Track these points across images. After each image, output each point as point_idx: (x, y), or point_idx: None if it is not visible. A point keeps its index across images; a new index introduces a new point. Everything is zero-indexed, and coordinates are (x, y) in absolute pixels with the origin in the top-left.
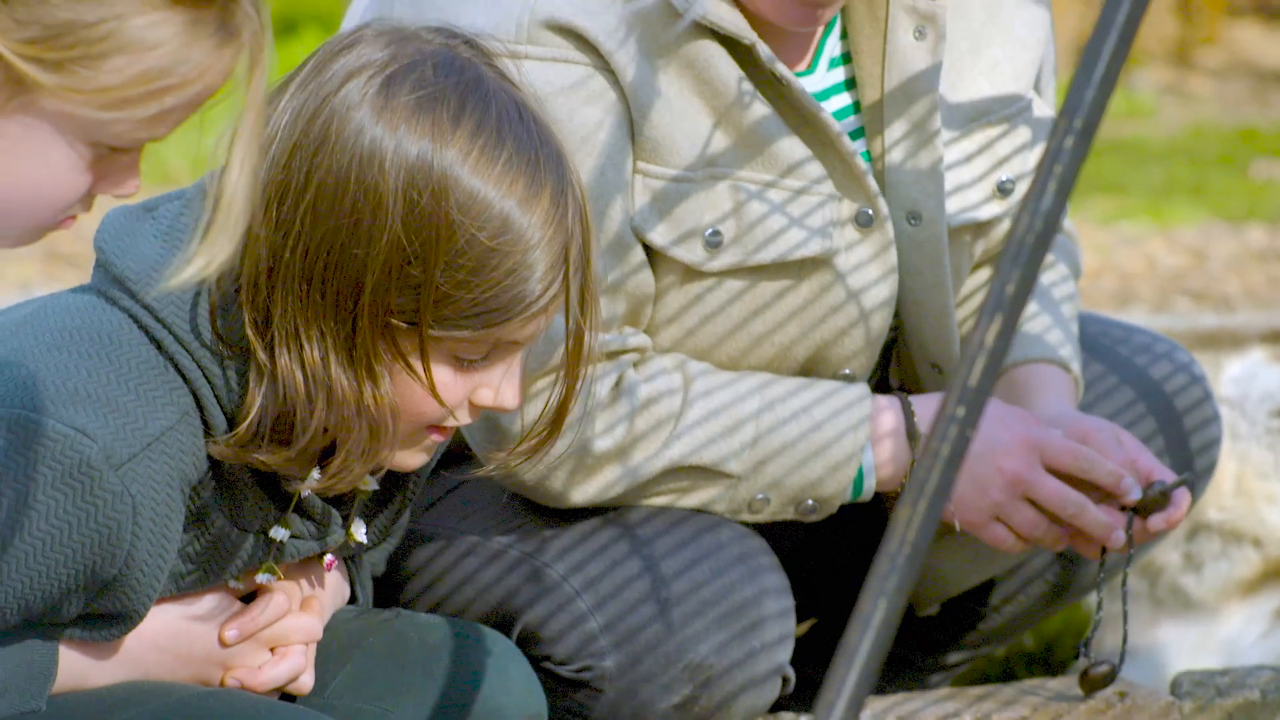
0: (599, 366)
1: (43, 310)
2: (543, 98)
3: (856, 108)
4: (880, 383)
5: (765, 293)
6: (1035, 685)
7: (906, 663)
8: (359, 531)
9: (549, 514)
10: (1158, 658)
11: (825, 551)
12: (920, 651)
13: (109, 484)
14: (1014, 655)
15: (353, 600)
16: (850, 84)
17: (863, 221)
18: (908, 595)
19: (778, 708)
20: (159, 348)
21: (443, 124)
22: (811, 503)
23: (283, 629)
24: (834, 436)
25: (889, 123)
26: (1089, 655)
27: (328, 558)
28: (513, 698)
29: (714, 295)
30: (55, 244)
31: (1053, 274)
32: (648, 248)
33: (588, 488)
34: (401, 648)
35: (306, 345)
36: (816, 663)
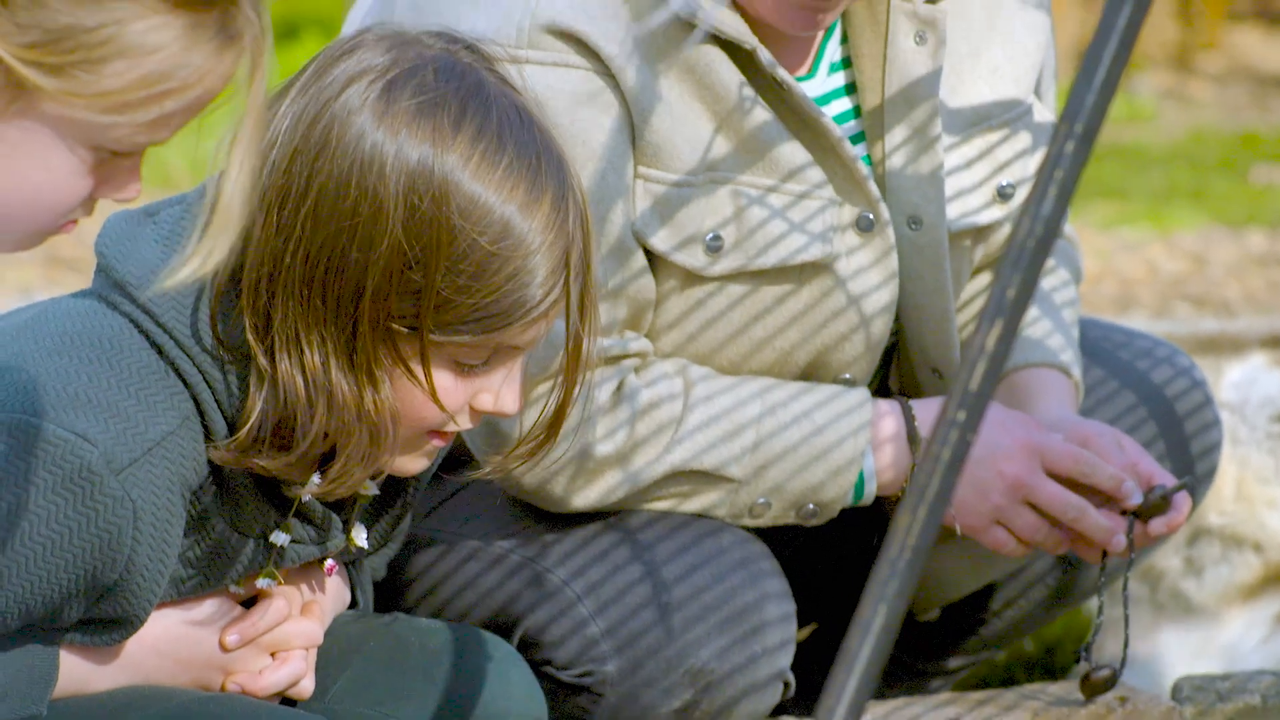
0: (600, 371)
1: (44, 315)
2: (543, 102)
3: (857, 112)
4: (880, 387)
5: (766, 298)
6: (1036, 690)
7: (907, 668)
8: (360, 536)
9: (550, 519)
10: (1158, 663)
11: (826, 556)
12: (921, 656)
13: (110, 489)
14: (1015, 660)
15: (353, 605)
16: (850, 89)
17: (864, 226)
18: (908, 600)
19: (779, 712)
20: (160, 352)
21: (444, 129)
22: (812, 507)
23: (283, 634)
24: (835, 441)
25: (890, 128)
26: (1090, 660)
27: (328, 562)
28: (514, 702)
29: (715, 300)
30: (56, 248)
31: (1054, 279)
32: (649, 252)
33: (589, 493)
34: (402, 652)
35: (307, 350)
36: (817, 667)
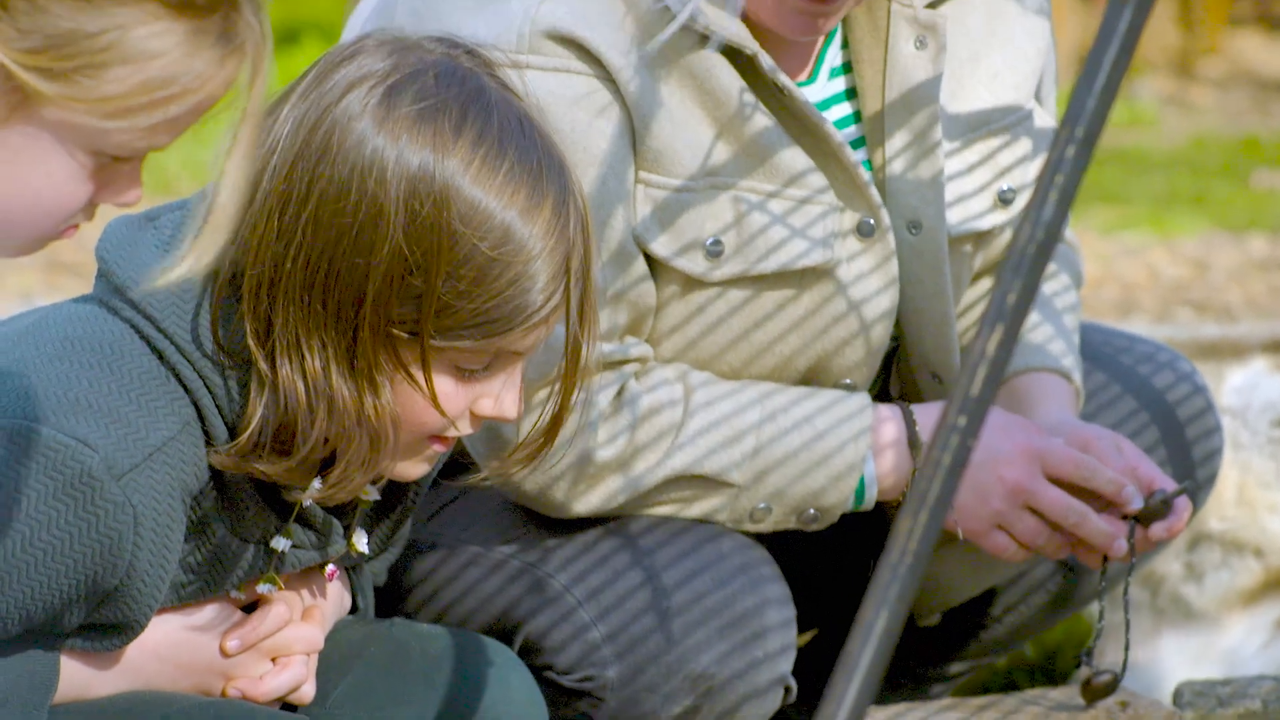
0: (601, 377)
1: (44, 320)
2: (544, 108)
3: (857, 117)
4: (880, 392)
5: (767, 303)
6: (1037, 695)
7: (908, 673)
8: (360, 541)
9: (551, 524)
10: (1159, 668)
11: (827, 561)
12: (922, 661)
13: (110, 494)
14: (1016, 665)
15: (354, 610)
16: (851, 93)
17: (865, 232)
18: (909, 605)
19: (780, 718)
20: (160, 358)
21: (444, 134)
22: (813, 512)
23: (284, 639)
24: (836, 447)
25: (890, 133)
26: (1091, 665)
27: (329, 568)
28: (514, 707)
29: (715, 306)
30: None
31: (1055, 284)
32: (649, 258)
33: (590, 498)
34: (403, 658)
35: (308, 355)
36: (818, 673)
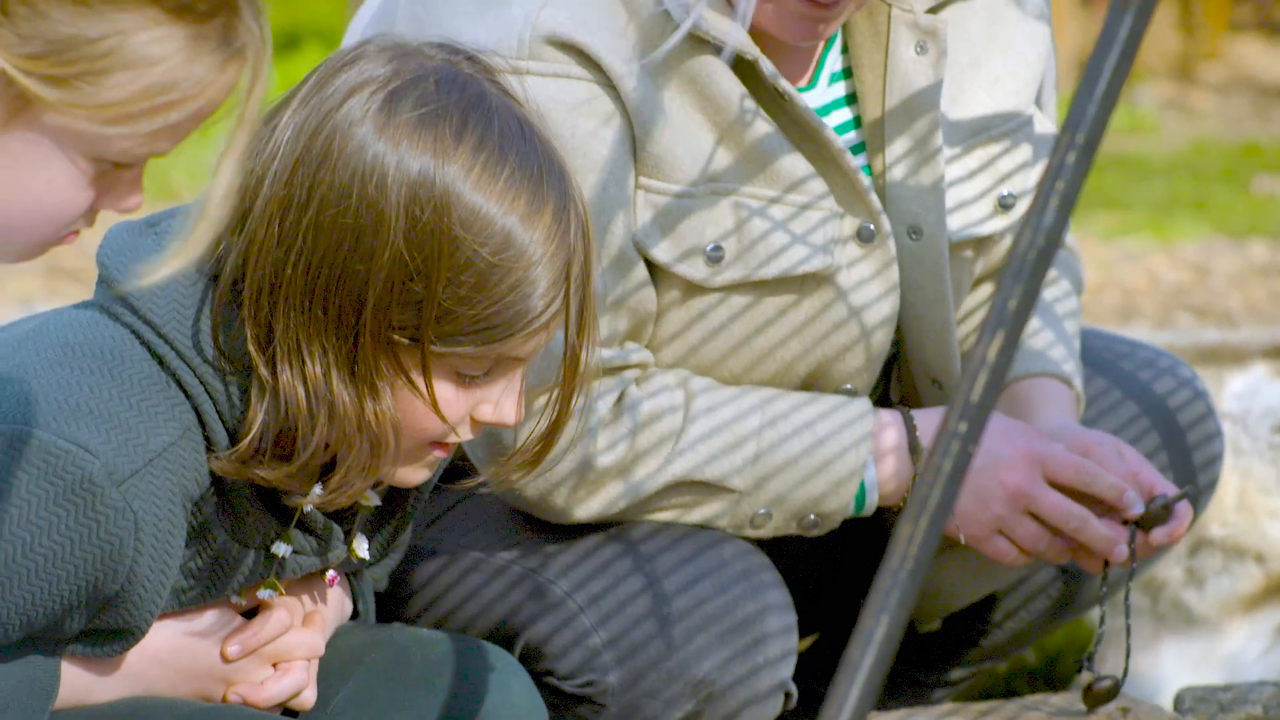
0: (601, 382)
1: (45, 326)
2: (544, 113)
3: (857, 123)
4: (881, 398)
5: (767, 310)
6: (1038, 701)
7: (909, 679)
8: (361, 547)
9: (552, 530)
10: (1160, 673)
11: (828, 566)
12: (923, 667)
13: (111, 500)
14: (1016, 671)
15: (355, 616)
16: (851, 99)
17: (865, 237)
18: (910, 611)
19: None
20: (161, 363)
21: (445, 140)
22: (814, 518)
23: (285, 644)
24: (836, 453)
25: (890, 139)
26: (1092, 670)
27: (330, 573)
28: (515, 712)
29: (716, 313)
30: (58, 259)
31: (1055, 290)
32: (650, 264)
33: (591, 504)
34: (404, 663)
35: (308, 361)
36: (819, 678)
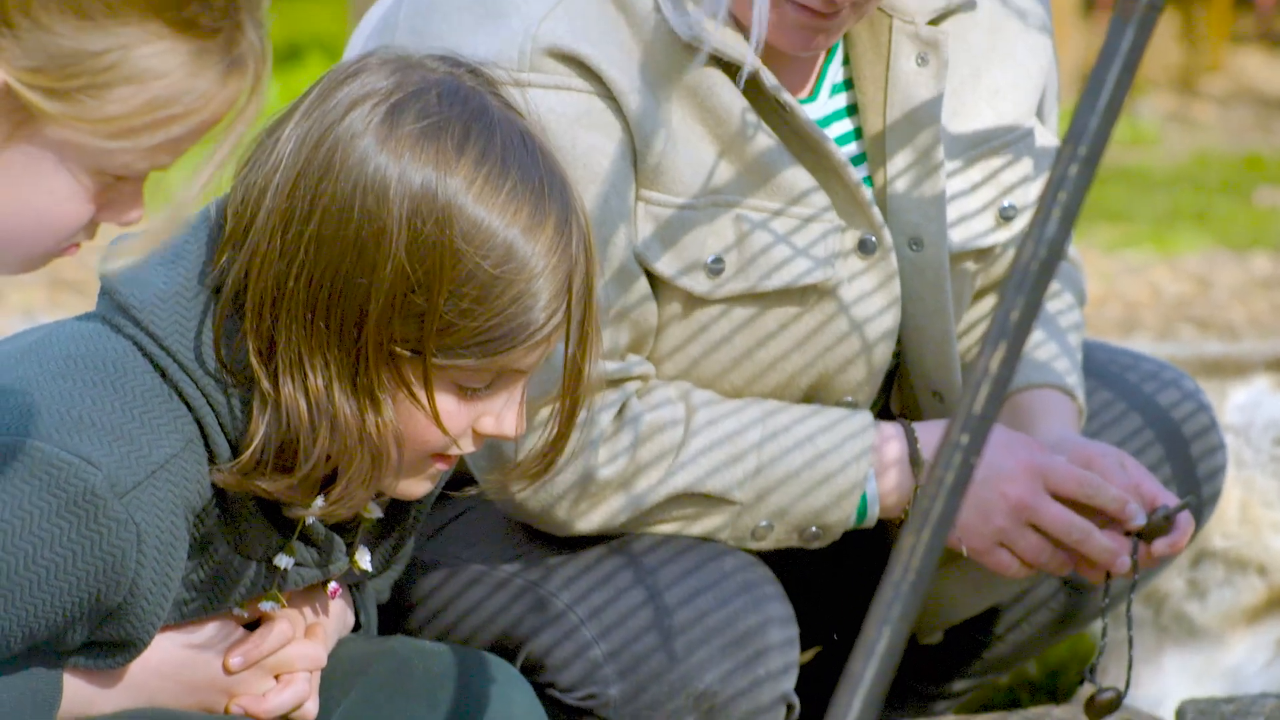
0: (603, 395)
1: (47, 338)
2: (545, 125)
3: (858, 134)
4: (881, 409)
5: (769, 323)
6: (1040, 713)
7: (911, 691)
8: (363, 559)
9: (553, 542)
10: (1162, 685)
11: (830, 578)
12: (925, 679)
13: (113, 512)
14: (1019, 682)
15: (357, 628)
16: (852, 110)
17: (867, 249)
18: (912, 623)
19: None
20: (163, 375)
21: (447, 152)
22: (815, 530)
23: (287, 656)
24: (838, 466)
25: (892, 152)
26: (1094, 682)
27: (332, 585)
28: None
29: (718, 325)
30: (60, 271)
31: (1058, 302)
32: (651, 276)
33: (592, 517)
34: (405, 675)
35: (310, 373)
36: (822, 690)
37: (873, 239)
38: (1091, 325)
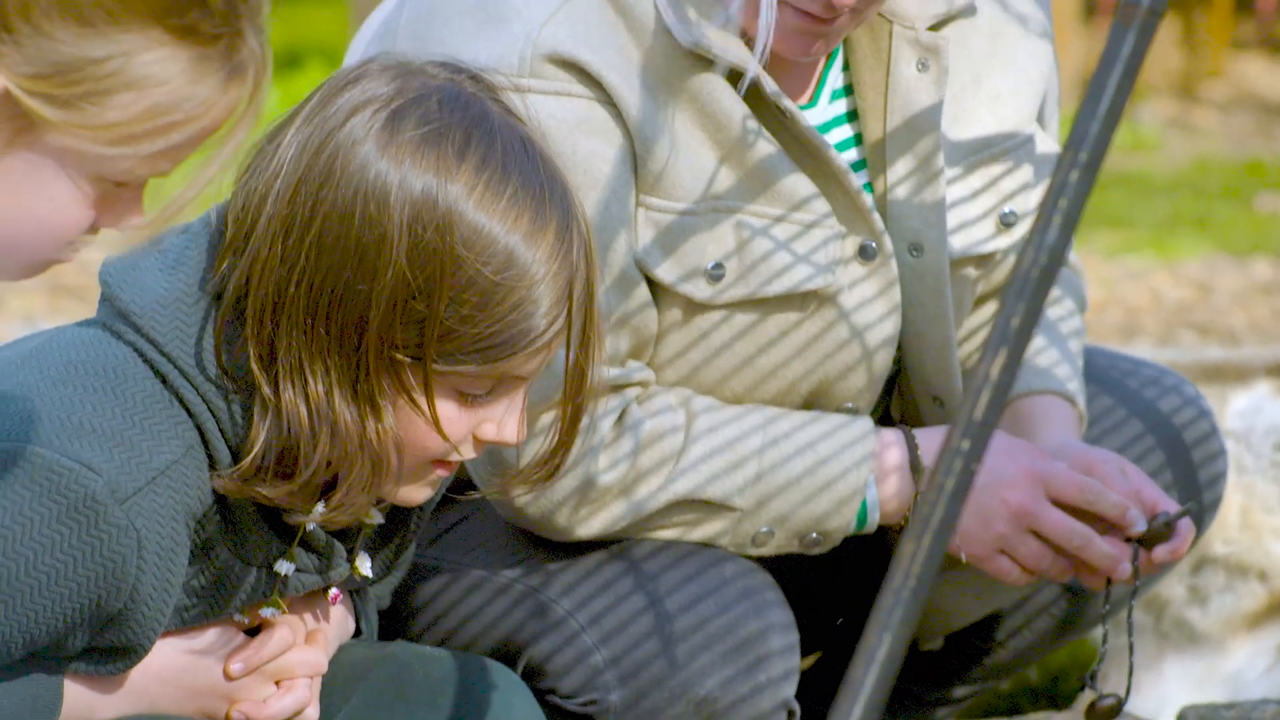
0: (603, 401)
1: (48, 344)
2: (546, 131)
3: (858, 140)
4: (882, 415)
5: (770, 329)
6: (1041, 719)
7: (912, 697)
8: (364, 565)
9: (554, 548)
10: (1163, 691)
11: (830, 584)
12: (925, 685)
13: (114, 518)
14: (1019, 689)
15: (358, 633)
16: (852, 115)
17: (867, 255)
18: (913, 629)
19: None
20: (164, 382)
21: (448, 159)
22: (815, 536)
23: (287, 662)
24: (839, 473)
25: (892, 157)
26: (1095, 689)
27: (333, 591)
28: None
29: (719, 332)
30: (60, 277)
31: (1059, 309)
32: (651, 282)
33: (593, 523)
34: (406, 681)
35: (311, 379)
36: (822, 697)
37: (873, 245)
38: (1092, 331)
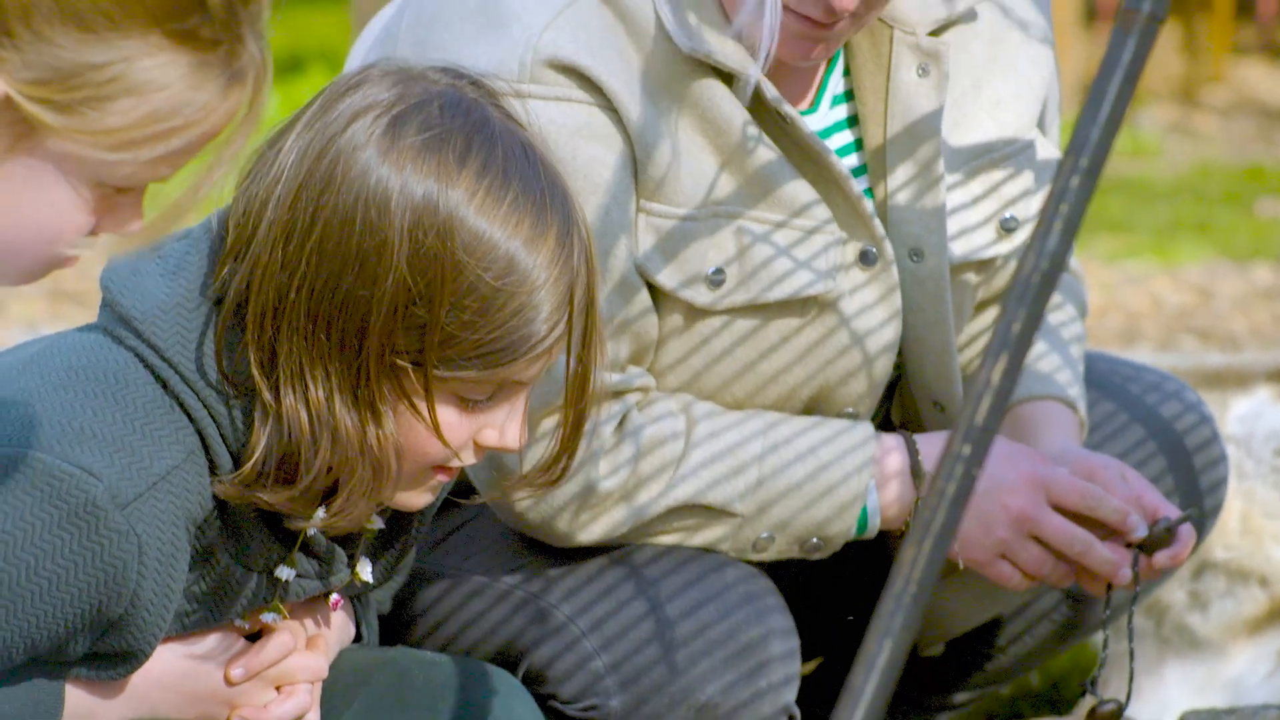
0: (604, 406)
1: (49, 349)
2: (546, 136)
3: (859, 145)
4: (882, 419)
5: (771, 335)
6: None
7: (912, 702)
8: (365, 570)
9: (555, 554)
10: (1164, 696)
11: (831, 589)
12: (926, 691)
13: (114, 523)
14: (1020, 694)
15: (358, 639)
16: (853, 121)
17: (868, 261)
18: (913, 635)
19: None
20: (165, 387)
21: (449, 164)
22: (816, 541)
23: (288, 668)
24: (840, 478)
25: (893, 163)
26: (1095, 694)
27: (333, 596)
28: None
29: (720, 338)
30: (61, 282)
31: (1060, 314)
32: (652, 288)
33: (594, 529)
34: (407, 686)
35: (311, 385)
36: (823, 702)
37: (874, 251)
38: (1093, 336)
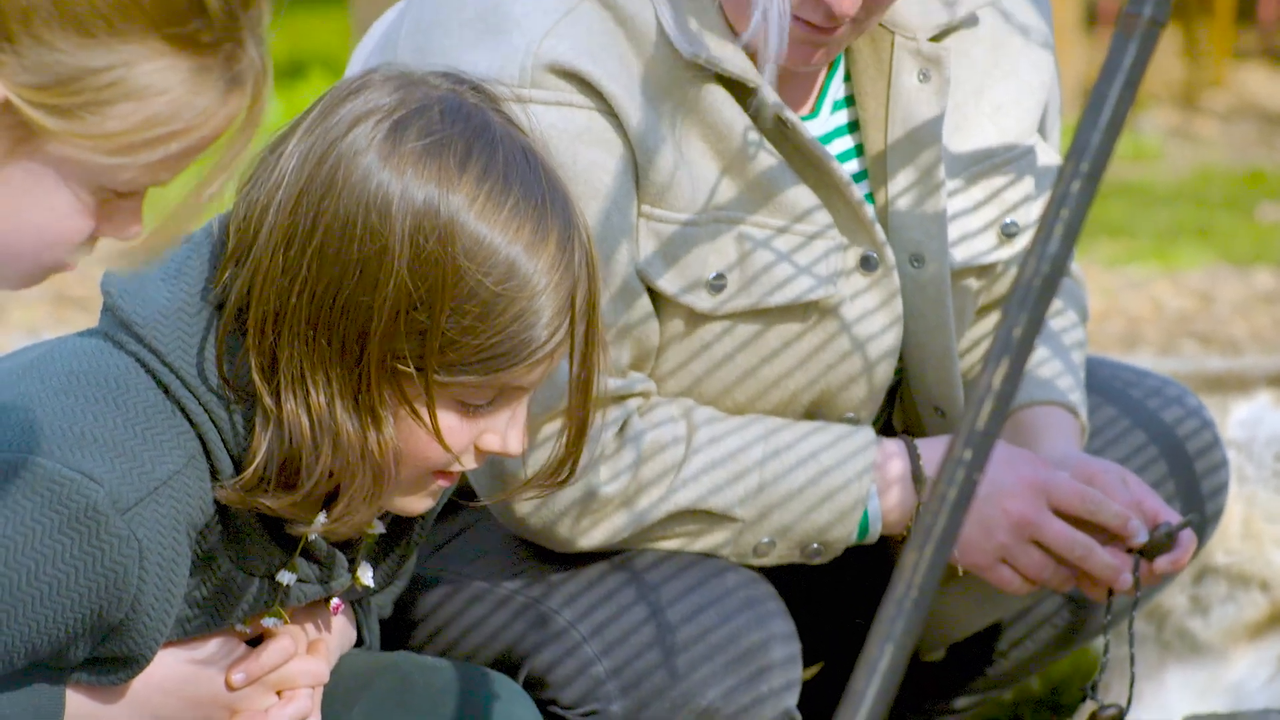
0: (605, 412)
1: (50, 354)
2: (547, 141)
3: (859, 150)
4: (884, 424)
5: (772, 340)
6: None
7: (914, 707)
8: (366, 575)
9: (556, 559)
10: (1165, 701)
11: (832, 594)
12: (927, 696)
13: (115, 528)
14: (1021, 699)
15: (359, 643)
16: (853, 126)
17: (869, 267)
18: (915, 640)
19: None
20: (166, 392)
21: (449, 169)
22: (817, 546)
23: (289, 672)
24: (841, 484)
25: (894, 169)
26: (1096, 699)
27: (334, 601)
28: None
29: (721, 343)
30: (63, 287)
31: (1062, 320)
32: (653, 293)
33: (595, 534)
34: (408, 691)
35: (312, 390)
36: (824, 708)
37: (875, 257)
38: (1094, 341)
